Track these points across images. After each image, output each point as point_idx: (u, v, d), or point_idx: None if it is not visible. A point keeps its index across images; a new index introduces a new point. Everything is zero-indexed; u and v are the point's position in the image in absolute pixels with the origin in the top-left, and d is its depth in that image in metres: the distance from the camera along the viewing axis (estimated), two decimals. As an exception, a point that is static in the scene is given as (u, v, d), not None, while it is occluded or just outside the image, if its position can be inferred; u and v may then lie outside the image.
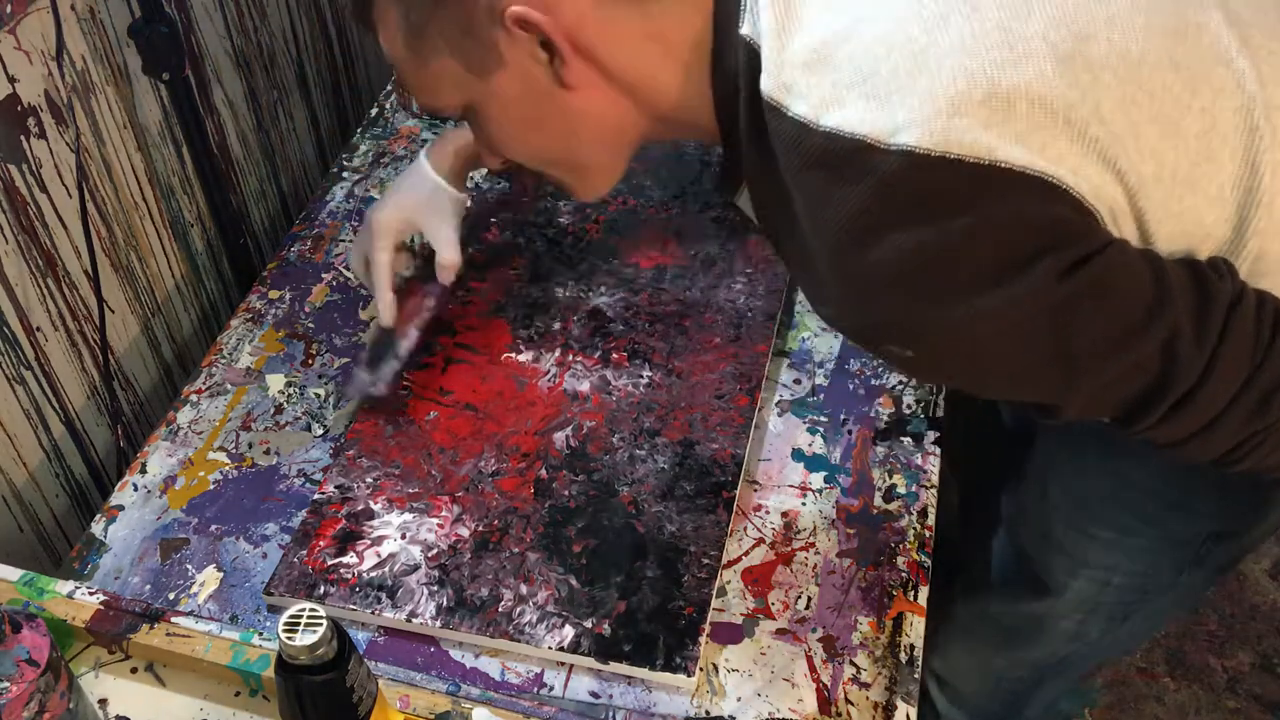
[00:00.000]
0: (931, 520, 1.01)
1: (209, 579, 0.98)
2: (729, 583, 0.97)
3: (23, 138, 1.00)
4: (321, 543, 0.97)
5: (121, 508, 1.03)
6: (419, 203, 1.05)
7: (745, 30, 0.74)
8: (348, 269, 1.24)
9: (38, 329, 1.06)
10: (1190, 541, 0.98)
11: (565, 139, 0.84)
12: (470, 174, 1.10)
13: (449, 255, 1.06)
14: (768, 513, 1.02)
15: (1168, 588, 1.05)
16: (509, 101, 0.81)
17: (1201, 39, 0.71)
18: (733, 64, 0.75)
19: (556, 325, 1.15)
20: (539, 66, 0.77)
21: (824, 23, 0.71)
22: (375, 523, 0.98)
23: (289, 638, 0.67)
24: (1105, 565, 1.04)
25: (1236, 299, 0.69)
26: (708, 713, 0.89)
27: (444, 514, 0.99)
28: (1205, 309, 0.69)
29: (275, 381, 1.13)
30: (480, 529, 0.98)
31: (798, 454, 1.06)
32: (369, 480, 1.02)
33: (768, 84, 0.71)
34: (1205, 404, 0.70)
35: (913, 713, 0.89)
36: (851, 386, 1.11)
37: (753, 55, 0.73)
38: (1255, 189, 0.71)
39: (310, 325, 1.19)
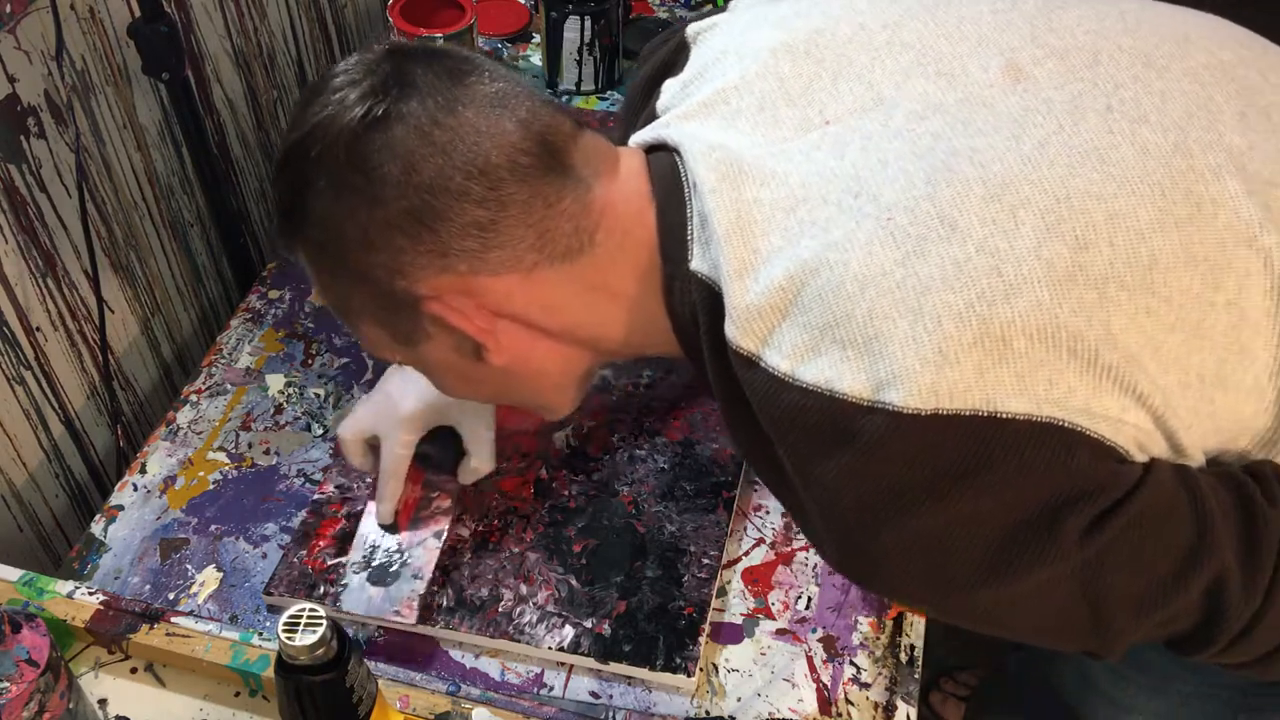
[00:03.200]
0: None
1: (209, 579, 0.98)
2: (729, 583, 0.97)
3: (23, 138, 1.00)
4: (321, 543, 0.97)
5: (121, 508, 1.03)
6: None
7: (696, 265, 0.69)
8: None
9: (37, 329, 1.06)
10: (1239, 688, 0.89)
11: (506, 391, 0.81)
12: None
13: (484, 463, 0.96)
14: (768, 513, 1.02)
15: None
16: (442, 366, 0.78)
17: (1218, 218, 0.63)
18: (687, 299, 0.70)
19: (556, 325, 1.15)
20: (463, 347, 0.74)
21: (789, 254, 0.64)
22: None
23: (289, 638, 0.67)
24: (1151, 712, 0.96)
25: None
26: (708, 713, 0.89)
27: (444, 514, 0.99)
28: (1255, 547, 0.62)
29: (275, 381, 1.13)
30: (480, 529, 0.98)
31: (798, 454, 1.06)
32: (369, 480, 1.01)
33: (734, 332, 0.65)
34: (1263, 640, 0.64)
35: (913, 713, 0.89)
36: (851, 386, 1.11)
37: (707, 292, 0.68)
38: None
39: (310, 325, 1.19)
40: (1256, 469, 0.66)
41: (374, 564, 0.94)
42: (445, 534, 0.95)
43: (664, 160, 0.74)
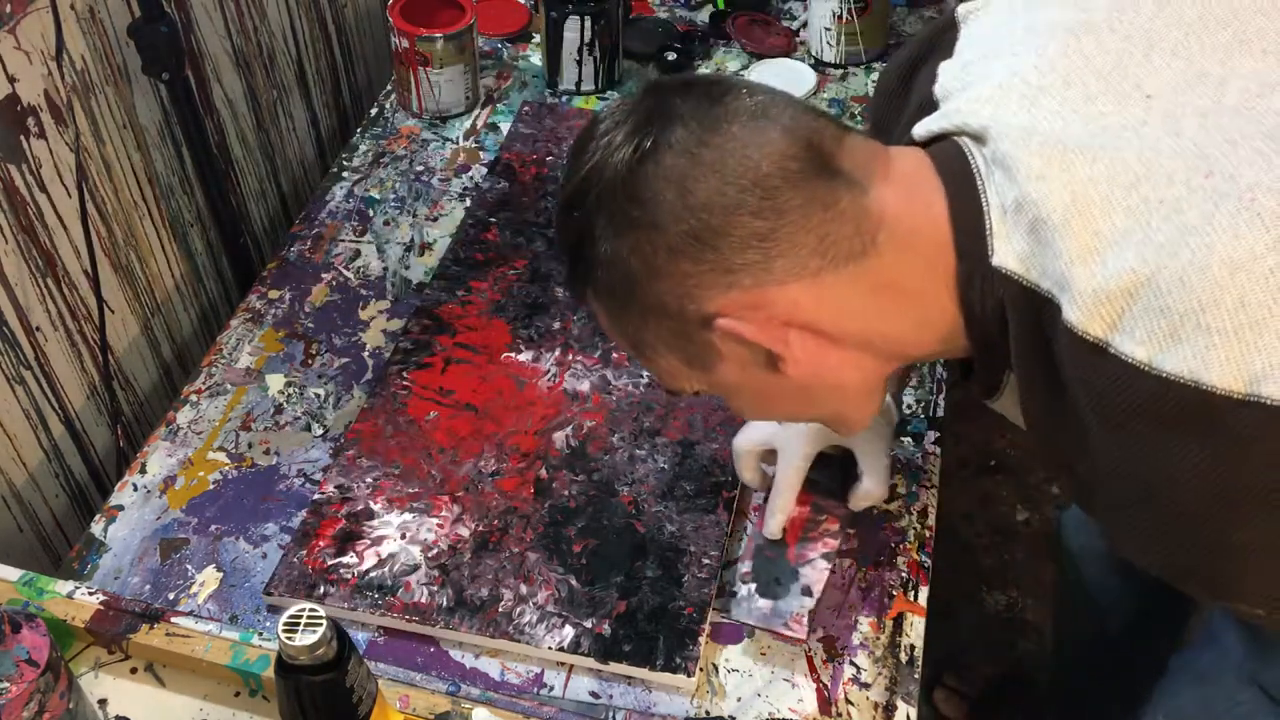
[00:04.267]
0: (932, 520, 1.01)
1: (209, 579, 0.98)
2: (729, 583, 0.97)
3: (23, 138, 1.00)
4: (321, 543, 0.97)
5: (121, 508, 1.03)
6: None
7: (1000, 261, 0.66)
8: (348, 269, 1.24)
9: (37, 329, 1.06)
10: None
11: (806, 406, 0.80)
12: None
13: (878, 488, 0.95)
14: (768, 513, 1.01)
15: None
16: (739, 388, 0.77)
17: None
18: (991, 297, 0.68)
19: (556, 325, 1.15)
20: (758, 360, 0.73)
21: (1139, 236, 0.61)
22: (375, 523, 0.98)
23: (289, 638, 0.67)
24: None
25: None
26: (708, 713, 0.89)
27: (444, 514, 0.99)
28: None
29: (275, 381, 1.13)
30: (480, 529, 0.98)
31: (798, 454, 1.06)
32: (369, 480, 1.01)
33: (1078, 317, 0.61)
34: None
35: (913, 713, 0.89)
36: (851, 386, 1.11)
37: (1018, 288, 0.65)
38: None
39: (310, 325, 1.19)
40: None
41: (763, 578, 0.94)
42: (834, 556, 0.95)
43: (949, 150, 0.71)
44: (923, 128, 0.74)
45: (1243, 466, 0.57)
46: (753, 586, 0.94)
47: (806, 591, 0.94)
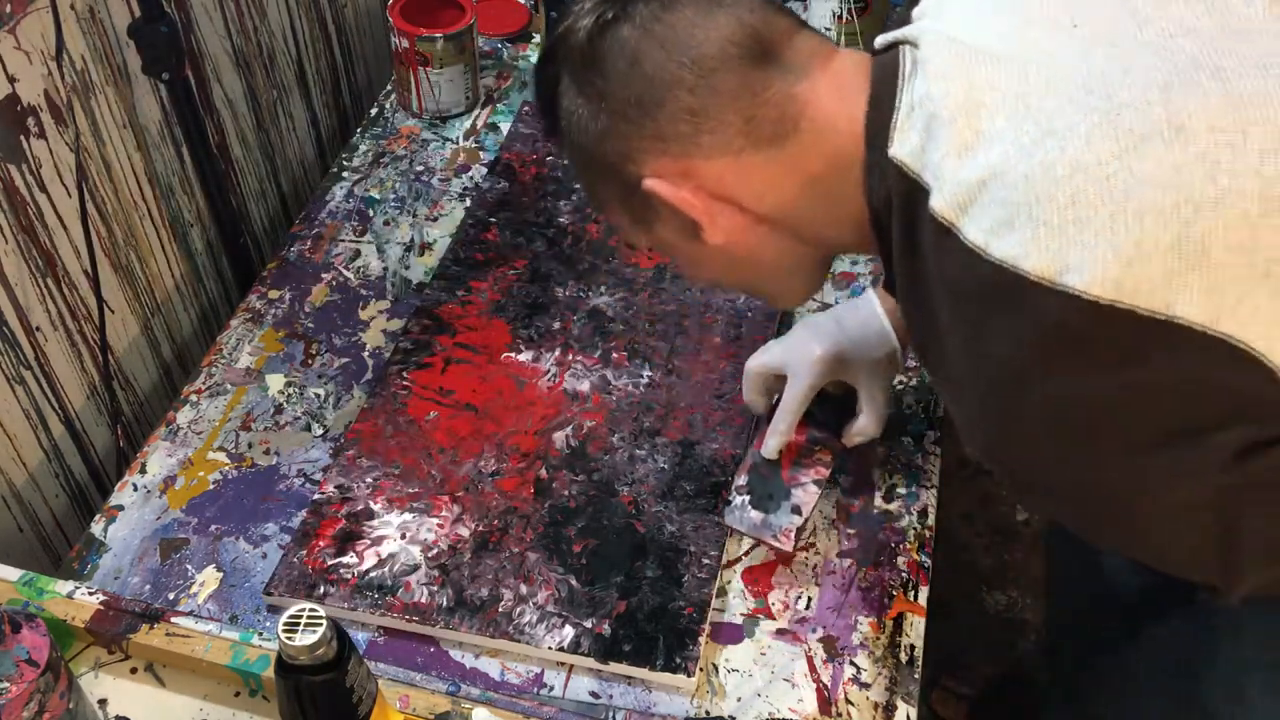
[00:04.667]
0: (932, 520, 1.01)
1: (209, 579, 0.98)
2: (729, 583, 0.97)
3: (23, 138, 1.00)
4: (321, 543, 0.97)
5: (121, 508, 1.03)
6: (865, 353, 0.97)
7: (894, 151, 0.70)
8: (348, 269, 1.24)
9: (37, 329, 1.06)
10: None
11: (729, 274, 0.87)
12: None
13: (873, 426, 0.99)
14: (768, 513, 1.01)
15: None
16: (674, 248, 0.84)
17: None
18: (884, 185, 0.72)
19: (556, 325, 1.15)
20: (685, 226, 0.79)
21: (1010, 137, 0.64)
22: (375, 523, 0.98)
23: (289, 638, 0.67)
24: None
25: None
26: (708, 713, 0.89)
27: (444, 514, 0.99)
28: None
29: (275, 381, 1.13)
30: (480, 529, 0.98)
31: (798, 454, 1.06)
32: (369, 480, 1.01)
33: (939, 202, 0.65)
34: None
35: (913, 713, 0.89)
36: (851, 386, 1.11)
37: (903, 179, 0.69)
38: None
39: (310, 325, 1.19)
40: None
41: (757, 492, 0.98)
42: (824, 483, 0.99)
43: (890, 55, 0.75)
44: (880, 38, 0.79)
45: (1044, 343, 0.61)
46: (747, 498, 0.98)
47: (796, 510, 0.97)
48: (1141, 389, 0.60)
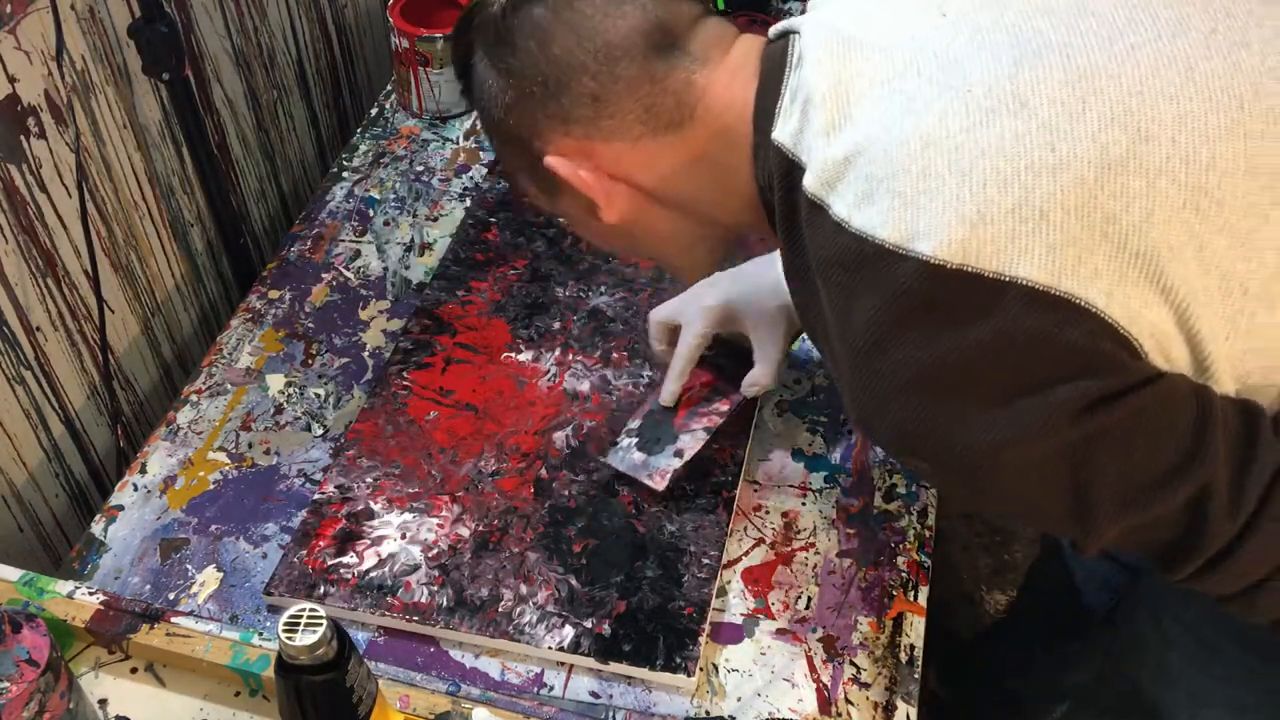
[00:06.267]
0: (932, 520, 1.01)
1: (209, 579, 0.98)
2: (729, 583, 0.97)
3: (23, 138, 1.00)
4: (321, 543, 0.97)
5: (121, 508, 1.03)
6: (756, 305, 1.00)
7: (777, 135, 0.74)
8: (348, 269, 1.24)
9: (38, 329, 1.06)
10: None
11: (631, 247, 0.93)
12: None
13: (766, 377, 1.01)
14: (768, 513, 1.02)
15: None
16: (576, 219, 0.87)
17: None
18: (767, 166, 0.75)
19: (556, 325, 1.15)
20: (583, 201, 0.82)
21: (874, 117, 0.68)
22: (375, 523, 0.98)
23: (289, 638, 0.67)
24: (1233, 705, 0.94)
25: None
26: (708, 713, 0.89)
27: (444, 514, 0.99)
28: (1247, 471, 0.63)
29: (275, 381, 1.13)
30: (480, 529, 0.98)
31: (798, 454, 1.06)
32: (369, 480, 1.01)
33: (811, 181, 0.70)
34: (1242, 569, 0.66)
35: (913, 713, 0.89)
36: (851, 386, 1.11)
37: (784, 160, 0.73)
38: None
39: (310, 325, 1.19)
40: None
41: (645, 435, 1.02)
42: (714, 431, 1.02)
43: (780, 44, 0.78)
44: (774, 28, 0.82)
45: (897, 306, 0.64)
46: (634, 440, 1.02)
47: (678, 454, 1.00)
48: (989, 347, 0.63)
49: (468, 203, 1.31)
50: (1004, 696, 1.40)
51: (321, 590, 0.93)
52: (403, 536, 0.97)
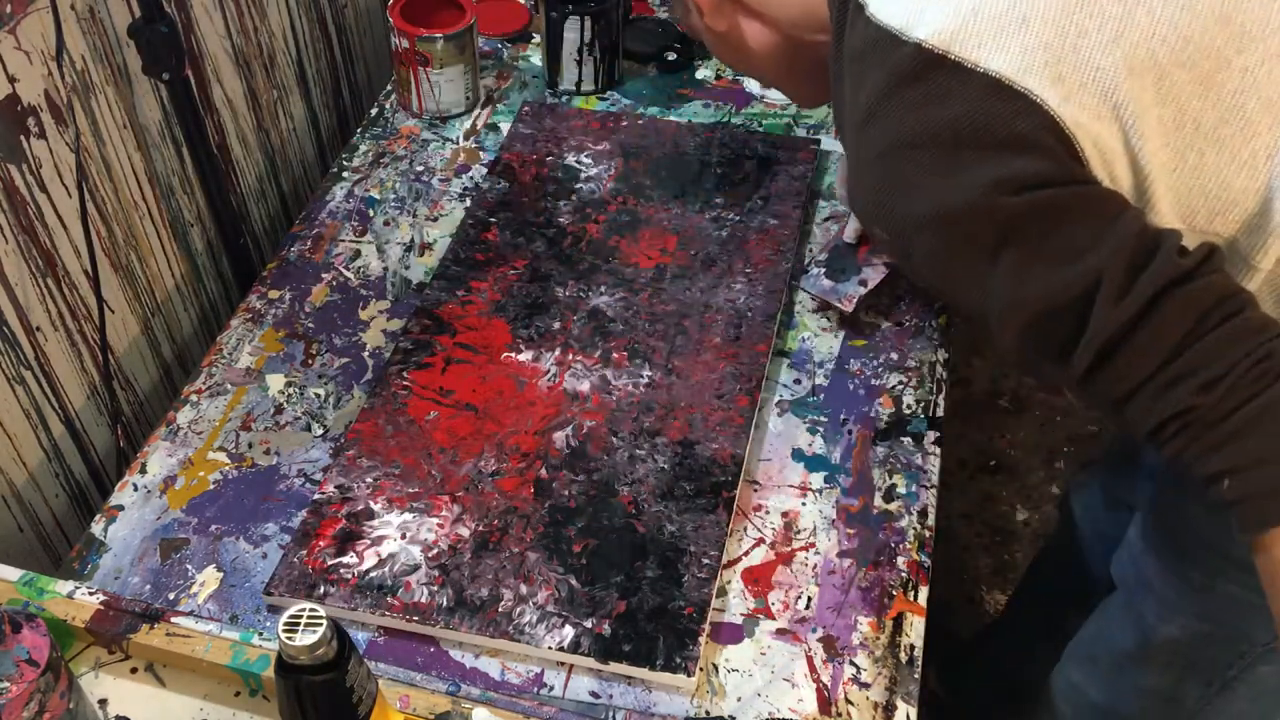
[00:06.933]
0: (932, 520, 1.01)
1: (209, 579, 0.98)
2: (729, 583, 0.97)
3: (23, 138, 1.00)
4: (321, 543, 0.97)
5: (121, 508, 1.03)
6: None
7: None
8: (348, 269, 1.24)
9: (37, 329, 1.06)
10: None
11: (747, 67, 1.01)
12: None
13: None
14: (768, 513, 1.02)
15: (1269, 653, 0.98)
16: (713, 40, 0.99)
17: (1274, 3, 0.70)
18: None
19: (556, 325, 1.15)
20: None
21: None
22: (375, 523, 0.98)
23: (289, 638, 0.67)
24: (1196, 613, 0.99)
25: (1183, 279, 0.66)
26: (708, 713, 0.89)
27: (444, 514, 0.99)
28: (1137, 274, 0.67)
29: (275, 381, 1.13)
30: (480, 529, 0.98)
31: (798, 454, 1.06)
32: (369, 480, 1.02)
33: None
34: (1119, 373, 0.69)
35: (913, 713, 0.89)
36: (851, 386, 1.11)
37: None
38: None
39: (310, 325, 1.19)
40: (1205, 246, 0.70)
41: (833, 266, 1.15)
42: (894, 266, 1.12)
43: None
44: None
45: (892, 87, 0.73)
46: (823, 270, 1.15)
47: (862, 283, 1.13)
48: (949, 124, 0.71)
49: (468, 203, 1.31)
50: (1004, 696, 1.41)
51: (321, 590, 0.94)
52: (403, 536, 0.97)
